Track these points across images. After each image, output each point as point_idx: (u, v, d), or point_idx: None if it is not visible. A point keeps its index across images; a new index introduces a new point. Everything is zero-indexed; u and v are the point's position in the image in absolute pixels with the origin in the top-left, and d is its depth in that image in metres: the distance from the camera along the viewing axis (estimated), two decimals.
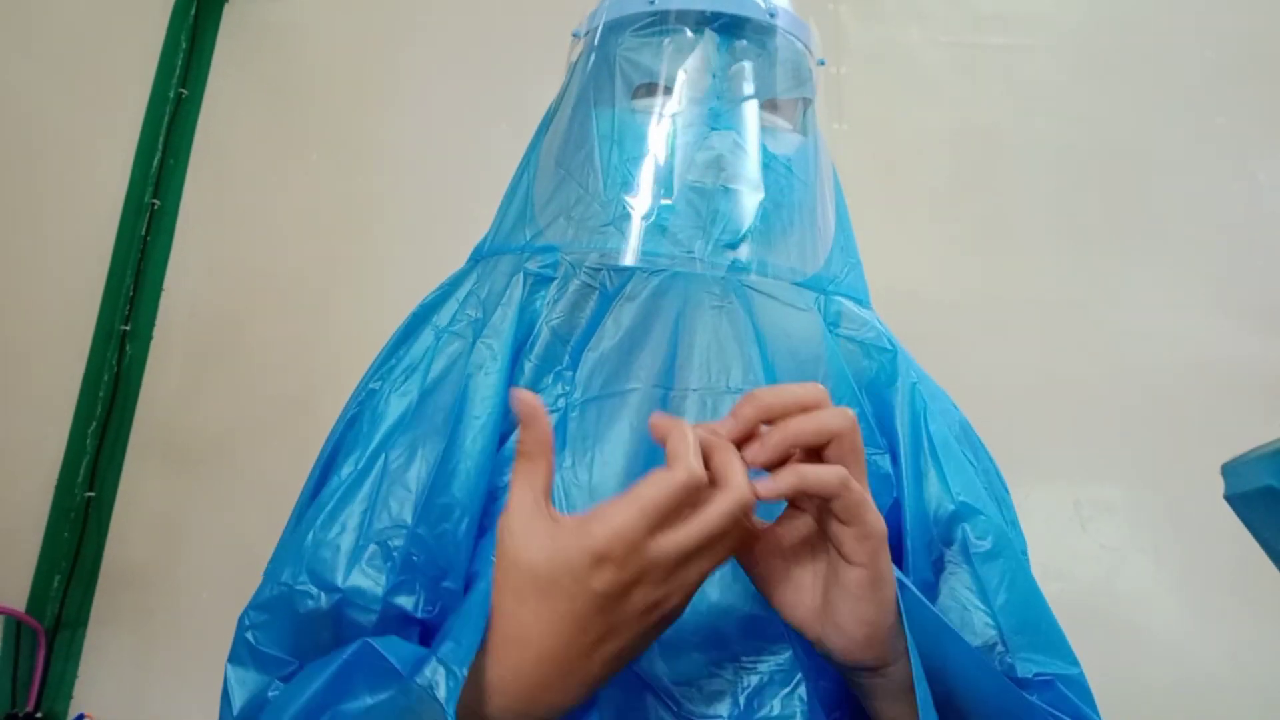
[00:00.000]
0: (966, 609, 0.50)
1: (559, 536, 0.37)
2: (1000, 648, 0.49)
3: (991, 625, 0.50)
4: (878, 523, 0.40)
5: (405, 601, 0.48)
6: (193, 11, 1.83)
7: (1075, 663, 0.51)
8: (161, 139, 1.76)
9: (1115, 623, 1.30)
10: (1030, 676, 0.49)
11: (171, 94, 1.78)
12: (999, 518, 0.56)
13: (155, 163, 1.75)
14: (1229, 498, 0.32)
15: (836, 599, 0.41)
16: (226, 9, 1.87)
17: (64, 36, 1.60)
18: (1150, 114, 1.56)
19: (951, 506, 0.54)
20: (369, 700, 0.42)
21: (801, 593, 0.43)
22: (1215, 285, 1.45)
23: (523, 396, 0.39)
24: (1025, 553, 0.57)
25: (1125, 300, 1.46)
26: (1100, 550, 1.35)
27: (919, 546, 0.52)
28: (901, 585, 0.42)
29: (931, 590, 0.51)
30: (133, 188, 1.72)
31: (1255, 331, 1.41)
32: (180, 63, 1.80)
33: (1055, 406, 1.41)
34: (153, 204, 1.73)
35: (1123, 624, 1.30)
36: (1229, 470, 0.32)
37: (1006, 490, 0.62)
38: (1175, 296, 1.45)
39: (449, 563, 0.49)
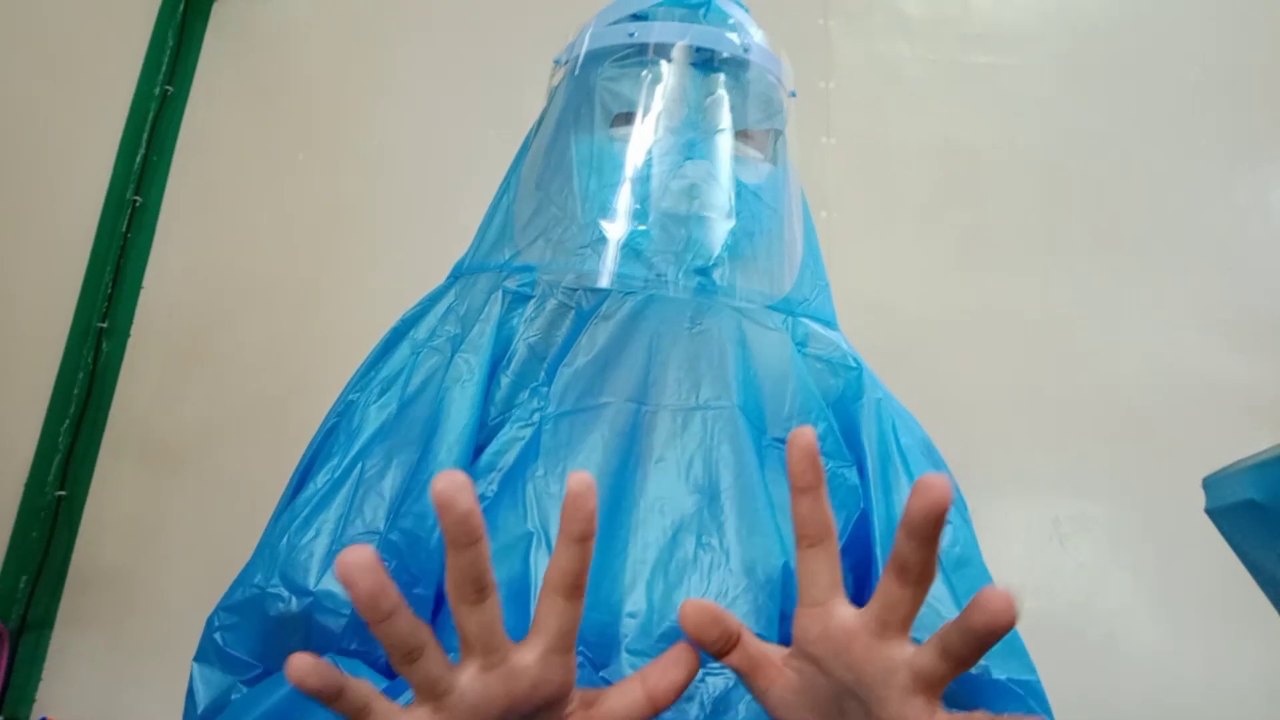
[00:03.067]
0: (940, 615, 0.51)
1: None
2: None
3: None
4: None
5: None
6: (181, 9, 1.82)
7: (1033, 670, 0.53)
8: (145, 135, 1.75)
9: (1093, 639, 1.31)
10: (1004, 679, 0.50)
11: (157, 90, 1.77)
12: (964, 526, 0.58)
13: (138, 159, 1.74)
14: (1210, 511, 0.32)
15: None
16: (215, 7, 1.86)
17: (50, 29, 1.59)
18: (1133, 134, 1.58)
19: None
20: None
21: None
22: (1197, 303, 1.46)
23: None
24: None
25: (1107, 317, 1.48)
26: (1079, 567, 1.36)
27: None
28: None
29: None
30: (115, 183, 1.70)
31: (1236, 349, 1.42)
32: (167, 59, 1.79)
33: (1036, 422, 1.42)
34: (134, 200, 1.72)
35: (1101, 640, 1.31)
36: (1210, 484, 0.32)
37: (966, 508, 0.64)
38: (1157, 314, 1.47)
39: (421, 570, 0.50)
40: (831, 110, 1.63)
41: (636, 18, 0.66)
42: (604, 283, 0.60)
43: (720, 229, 0.61)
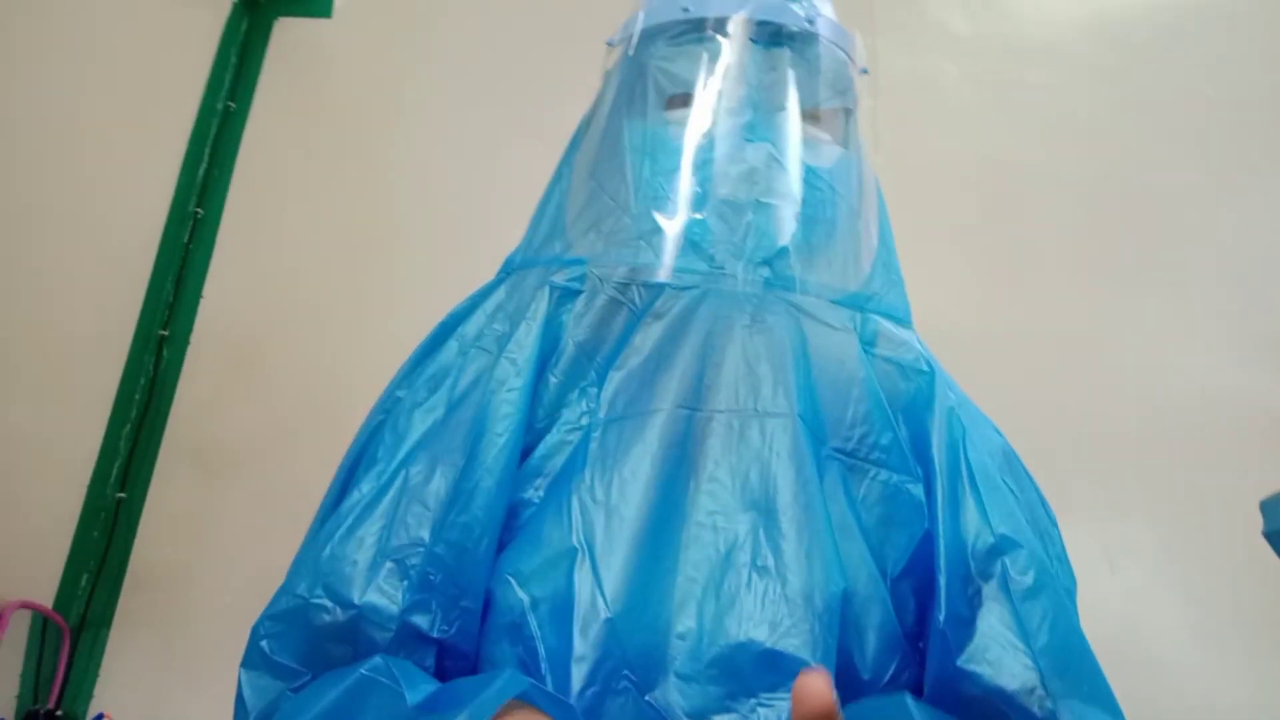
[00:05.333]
0: (1004, 649, 0.47)
1: None
2: (1040, 692, 0.46)
3: (1031, 667, 0.46)
4: None
5: (421, 620, 0.48)
6: (243, 29, 1.89)
7: (1119, 714, 0.47)
8: (208, 150, 1.80)
9: (1141, 665, 1.27)
10: None
11: (219, 107, 1.83)
12: (1042, 552, 0.53)
13: (201, 173, 1.79)
14: (1267, 534, 0.32)
15: None
16: (276, 28, 1.92)
17: (119, 49, 1.66)
18: (1178, 151, 1.55)
19: (991, 539, 0.51)
20: None
21: None
22: (1242, 322, 1.43)
23: None
24: (1073, 591, 0.55)
25: (1151, 337, 1.45)
26: (1128, 592, 1.33)
27: (955, 580, 0.49)
28: None
29: (967, 627, 0.48)
30: (178, 196, 1.76)
31: None
32: (229, 78, 1.85)
33: (1080, 443, 1.39)
34: (196, 213, 1.77)
35: (1149, 667, 1.28)
36: (1268, 507, 0.32)
37: (1054, 523, 0.59)
38: (1201, 334, 1.44)
39: (468, 582, 0.49)
40: (879, 128, 1.63)
41: None
42: (658, 277, 0.55)
43: (784, 217, 0.56)
